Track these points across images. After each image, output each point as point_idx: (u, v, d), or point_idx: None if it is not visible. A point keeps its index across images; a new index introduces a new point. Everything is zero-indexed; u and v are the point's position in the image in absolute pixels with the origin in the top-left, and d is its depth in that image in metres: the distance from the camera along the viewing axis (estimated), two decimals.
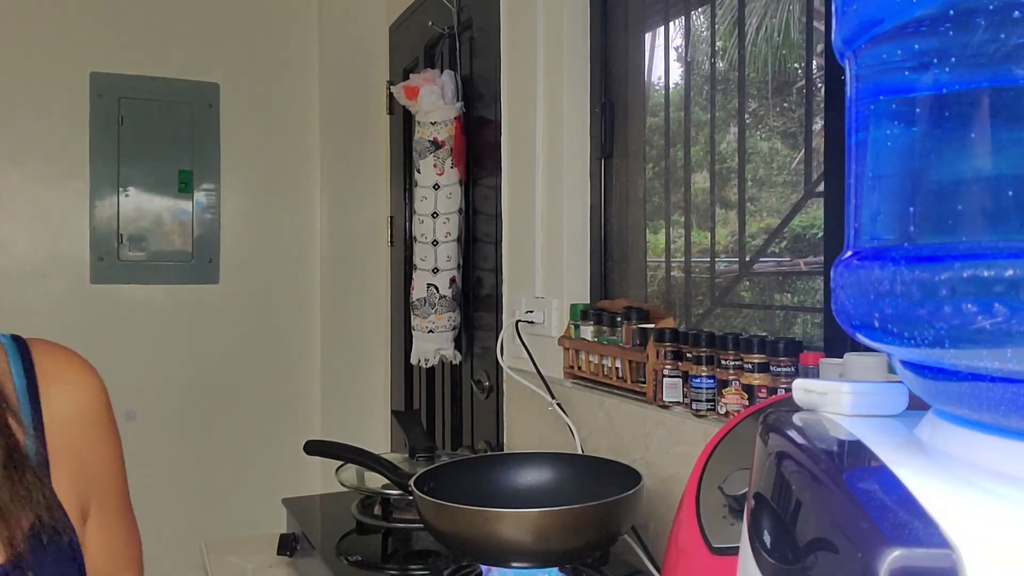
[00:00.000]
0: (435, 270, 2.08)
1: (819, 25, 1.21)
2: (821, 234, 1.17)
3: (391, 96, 2.59)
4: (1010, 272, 0.36)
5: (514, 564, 1.06)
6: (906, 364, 0.46)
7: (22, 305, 2.51)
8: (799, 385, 0.55)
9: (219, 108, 2.73)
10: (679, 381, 1.25)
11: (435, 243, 2.07)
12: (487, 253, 2.04)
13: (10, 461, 0.69)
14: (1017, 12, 0.36)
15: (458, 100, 2.08)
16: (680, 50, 1.55)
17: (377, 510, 1.44)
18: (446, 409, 2.31)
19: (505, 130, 1.85)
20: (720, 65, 1.44)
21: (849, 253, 0.49)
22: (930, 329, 0.40)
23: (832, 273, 0.50)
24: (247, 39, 2.77)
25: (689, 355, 1.22)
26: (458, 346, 2.15)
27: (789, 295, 1.35)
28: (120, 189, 2.62)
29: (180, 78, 2.68)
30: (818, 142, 1.21)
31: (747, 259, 1.38)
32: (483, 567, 1.09)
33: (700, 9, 1.49)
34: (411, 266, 2.18)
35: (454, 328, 2.12)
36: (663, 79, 1.58)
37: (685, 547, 0.76)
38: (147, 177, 2.66)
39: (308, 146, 2.83)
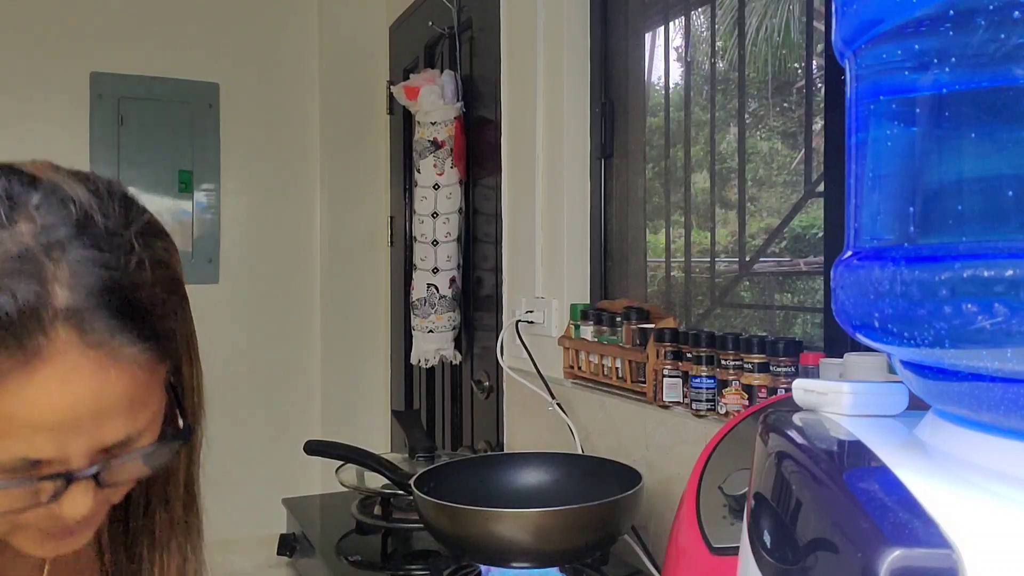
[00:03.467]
0: (435, 270, 2.08)
1: (819, 25, 1.21)
2: (821, 234, 1.17)
3: (391, 96, 2.59)
4: (1010, 272, 0.36)
5: (514, 564, 1.06)
6: (906, 364, 0.46)
7: None
8: (799, 385, 0.55)
9: (219, 108, 2.73)
10: (679, 381, 1.25)
11: (435, 243, 2.07)
12: (487, 253, 2.04)
13: None
14: (1017, 12, 0.36)
15: (458, 100, 2.08)
16: (680, 50, 1.55)
17: (377, 510, 1.44)
18: (446, 409, 2.31)
19: (505, 130, 1.85)
20: (720, 65, 1.44)
21: (849, 253, 0.49)
22: (930, 329, 0.40)
23: (832, 273, 0.50)
24: (247, 39, 2.77)
25: (689, 355, 1.22)
26: (458, 346, 2.15)
27: (789, 295, 1.35)
28: None
29: (180, 78, 2.68)
30: (818, 142, 1.21)
31: (747, 259, 1.38)
32: (483, 567, 1.09)
33: (700, 9, 1.49)
34: (411, 266, 2.18)
35: (454, 328, 2.12)
36: (663, 79, 1.58)
37: (685, 547, 0.76)
38: (147, 177, 2.65)
39: (308, 146, 2.83)
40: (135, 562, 0.71)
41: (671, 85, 1.57)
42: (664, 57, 1.57)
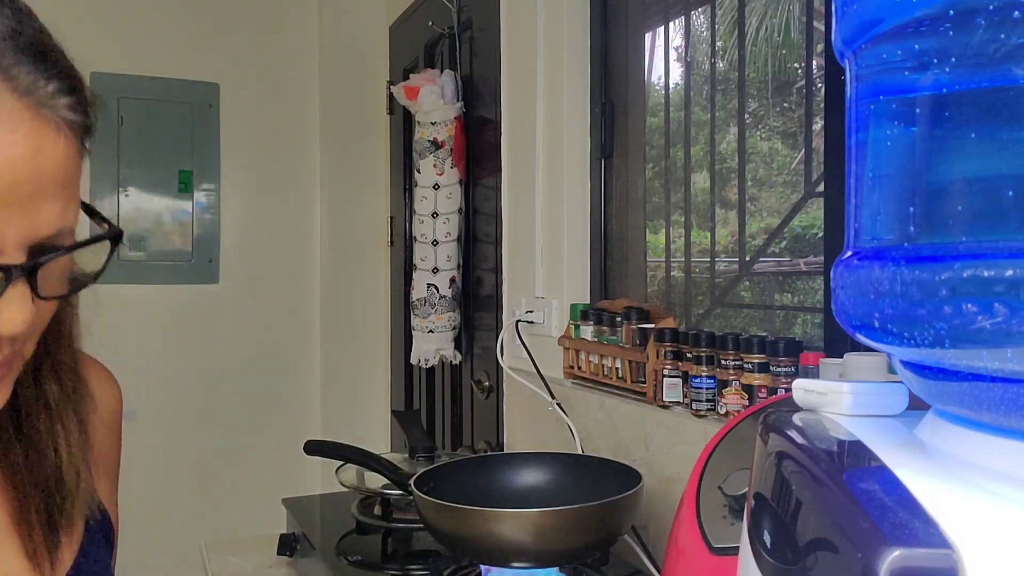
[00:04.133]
0: (435, 270, 2.08)
1: (819, 25, 1.21)
2: (821, 234, 1.17)
3: (391, 96, 2.59)
4: (1010, 272, 0.36)
5: (514, 564, 1.06)
6: (906, 364, 0.46)
7: None
8: (799, 385, 0.55)
9: (219, 108, 2.73)
10: (679, 381, 1.25)
11: (435, 243, 2.07)
12: (487, 253, 2.04)
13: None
14: (1017, 12, 0.36)
15: (458, 100, 2.08)
16: (680, 50, 1.55)
17: (377, 510, 1.44)
18: (446, 409, 2.31)
19: (505, 130, 1.85)
20: (720, 65, 1.44)
21: (849, 253, 0.49)
22: (930, 329, 0.40)
23: (832, 273, 0.50)
24: (247, 39, 2.77)
25: (689, 355, 1.22)
26: (458, 346, 2.15)
27: (789, 295, 1.35)
28: (120, 189, 2.62)
29: (180, 78, 2.68)
30: (818, 142, 1.21)
31: (747, 259, 1.38)
32: (483, 567, 1.09)
33: (700, 9, 1.49)
34: (411, 266, 2.18)
35: (454, 328, 2.12)
36: (663, 79, 1.58)
37: (685, 547, 0.76)
38: (147, 177, 2.66)
39: (308, 146, 2.83)
40: (34, 437, 0.64)
41: (671, 85, 1.57)
42: (664, 57, 1.57)
